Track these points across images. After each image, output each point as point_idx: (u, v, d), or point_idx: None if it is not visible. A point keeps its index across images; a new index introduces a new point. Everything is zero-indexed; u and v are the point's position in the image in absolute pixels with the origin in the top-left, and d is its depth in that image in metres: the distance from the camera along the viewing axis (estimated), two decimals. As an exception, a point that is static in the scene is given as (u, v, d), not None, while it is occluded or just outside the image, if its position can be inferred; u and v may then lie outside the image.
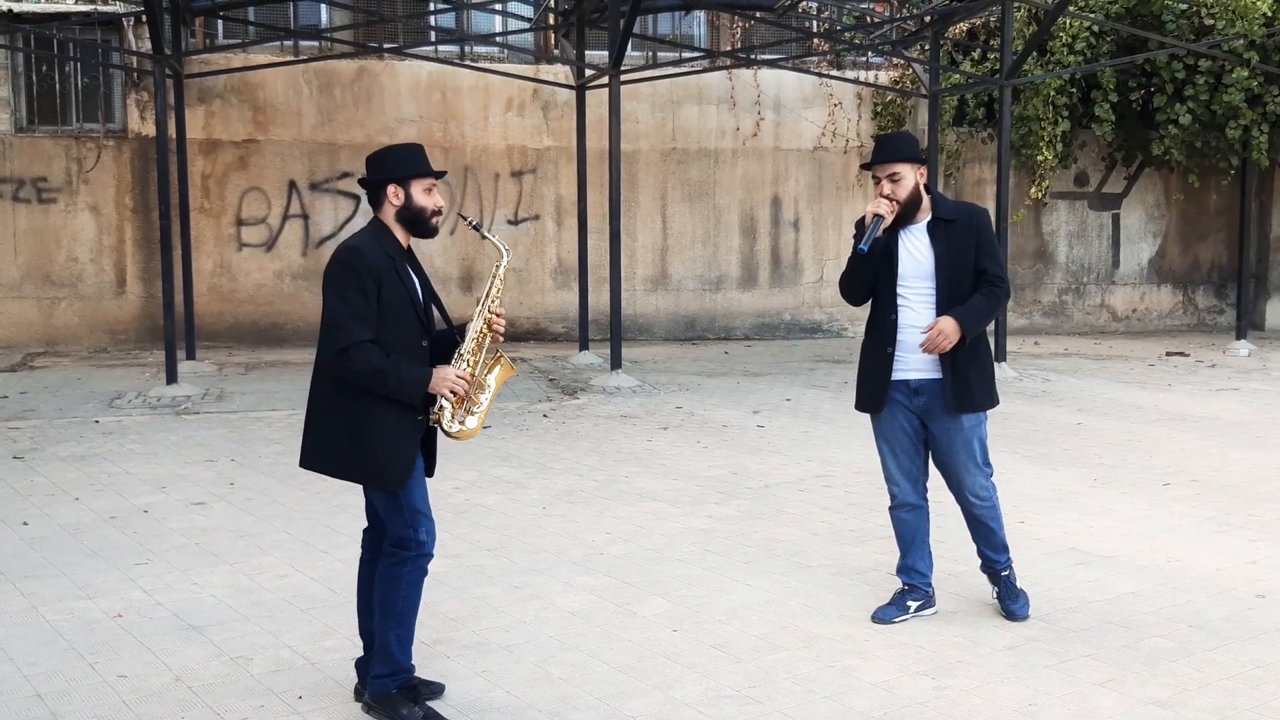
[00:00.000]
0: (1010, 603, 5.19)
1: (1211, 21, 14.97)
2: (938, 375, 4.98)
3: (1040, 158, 15.87)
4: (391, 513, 4.15)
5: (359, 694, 4.31)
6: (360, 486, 4.25)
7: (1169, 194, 17.80)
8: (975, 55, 16.17)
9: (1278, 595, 5.52)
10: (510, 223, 15.85)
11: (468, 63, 15.31)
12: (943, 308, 4.94)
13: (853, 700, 4.33)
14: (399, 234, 4.19)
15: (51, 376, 12.61)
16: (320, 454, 4.16)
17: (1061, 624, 5.12)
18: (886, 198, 4.93)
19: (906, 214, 4.97)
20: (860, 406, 5.21)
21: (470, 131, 15.62)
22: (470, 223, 4.43)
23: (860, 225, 5.06)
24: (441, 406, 4.14)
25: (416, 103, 15.43)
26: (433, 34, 15.62)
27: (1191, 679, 4.52)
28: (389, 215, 4.18)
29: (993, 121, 15.87)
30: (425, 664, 4.65)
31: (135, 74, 14.54)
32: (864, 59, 17.00)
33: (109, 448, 8.94)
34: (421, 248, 14.33)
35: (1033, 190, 16.39)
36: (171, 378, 11.39)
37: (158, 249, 12.66)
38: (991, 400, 5.10)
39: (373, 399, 4.01)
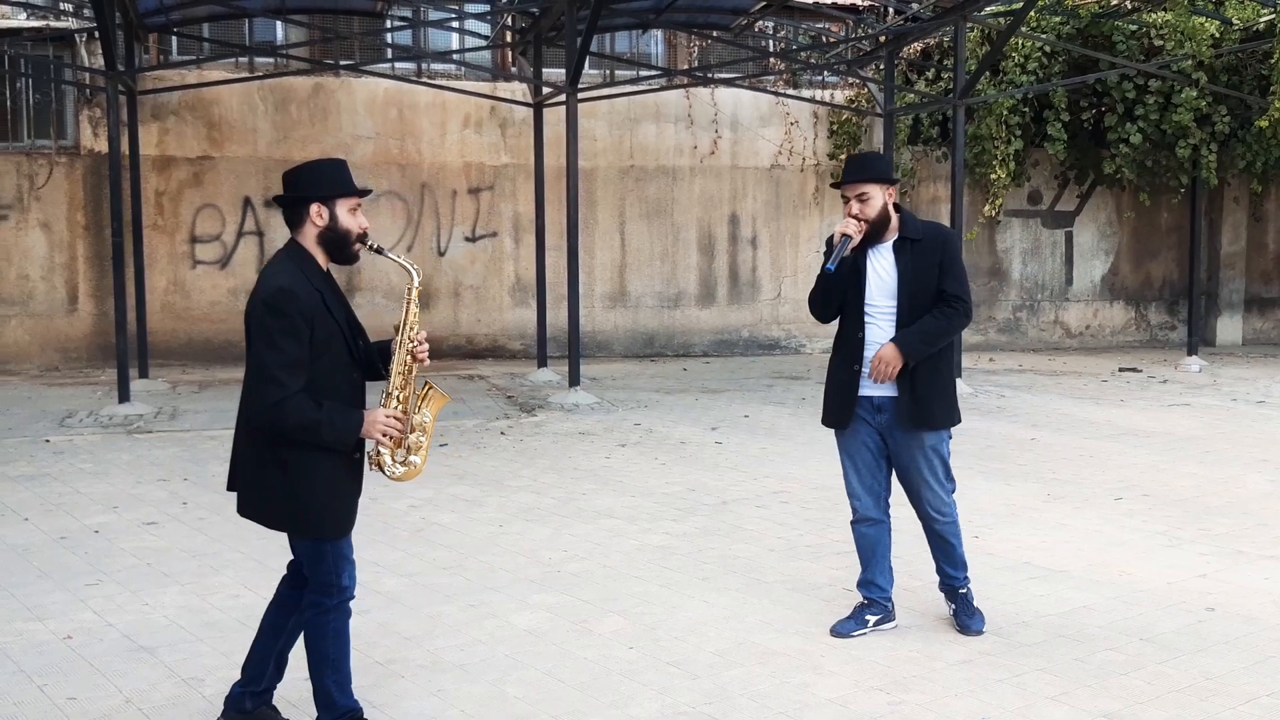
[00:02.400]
0: (966, 619, 5.23)
1: (1161, 43, 15.22)
2: (895, 392, 5.03)
3: (994, 176, 16.04)
4: (317, 559, 3.92)
5: None
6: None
7: (1121, 212, 18.04)
8: (929, 75, 16.35)
9: (1227, 608, 5.59)
10: (468, 239, 15.83)
11: (425, 80, 15.30)
12: (902, 325, 4.99)
13: (808, 716, 4.34)
14: (319, 258, 3.90)
15: (1, 395, 12.44)
16: (256, 504, 3.89)
17: (1015, 638, 5.16)
18: (855, 217, 4.97)
19: (875, 233, 5.00)
20: (826, 422, 5.23)
21: (427, 148, 15.60)
22: (372, 246, 4.01)
23: (830, 243, 5.10)
24: (379, 451, 3.95)
25: (373, 119, 15.39)
26: (389, 51, 15.59)
27: (1142, 691, 4.56)
28: (309, 237, 3.88)
29: (947, 140, 16.04)
30: (380, 684, 4.62)
31: (88, 90, 14.42)
32: (820, 78, 17.14)
33: (60, 467, 8.83)
34: (377, 265, 14.13)
35: (986, 208, 16.56)
36: (124, 396, 11.26)
37: (110, 266, 12.55)
38: (952, 418, 5.14)
39: (311, 447, 3.77)
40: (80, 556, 6.43)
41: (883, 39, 14.87)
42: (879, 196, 4.97)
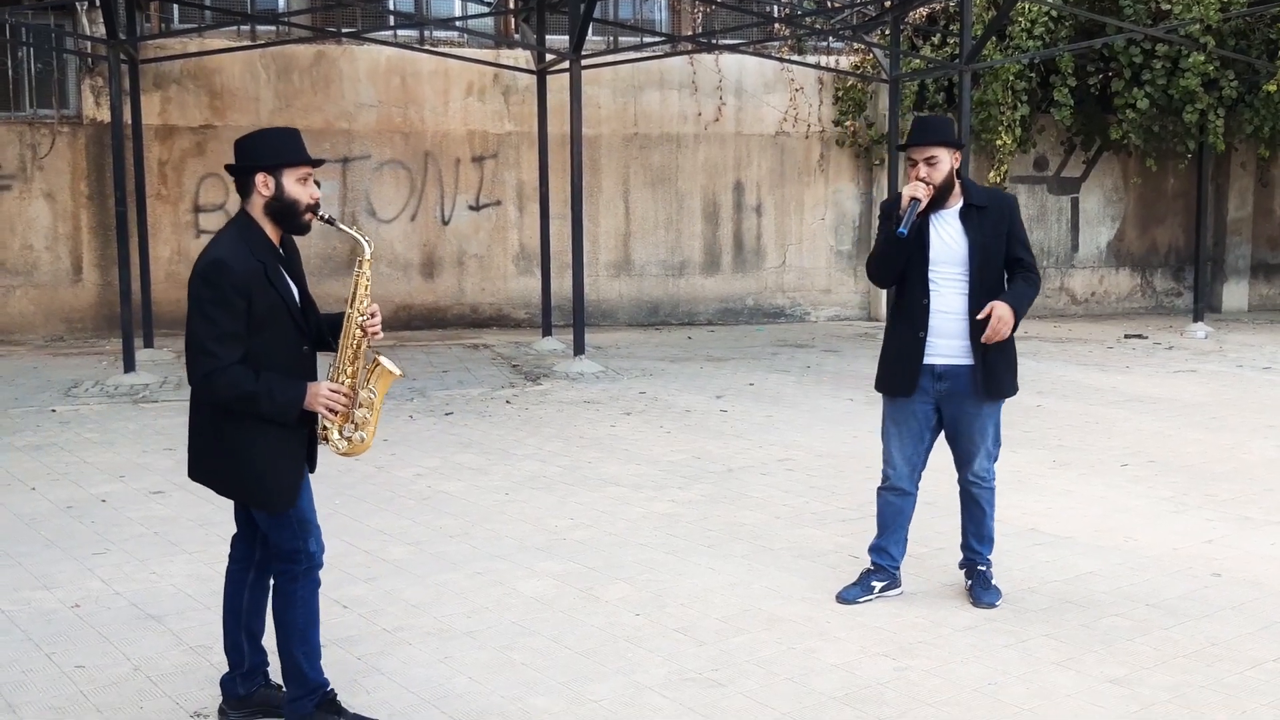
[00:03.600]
0: (981, 590, 5.19)
1: (1168, 7, 15.10)
2: (967, 361, 4.99)
3: (1000, 142, 15.95)
4: (278, 527, 3.88)
5: (224, 714, 4.10)
6: None
7: (1127, 178, 17.96)
8: (935, 40, 16.24)
9: (1233, 574, 5.59)
10: (471, 208, 15.78)
11: (427, 47, 15.22)
12: (975, 294, 4.95)
13: (814, 681, 4.35)
14: (269, 229, 3.83)
15: (6, 365, 12.45)
16: (205, 471, 3.88)
17: (1021, 604, 5.16)
18: (923, 181, 4.89)
19: (939, 198, 4.94)
20: (887, 389, 5.16)
21: (430, 116, 15.53)
22: (324, 217, 3.94)
23: (888, 208, 5.05)
24: (325, 426, 3.91)
25: (375, 87, 15.32)
26: (391, 18, 15.51)
27: (1148, 657, 4.57)
28: (257, 207, 3.81)
29: (953, 106, 15.92)
30: (388, 650, 4.64)
31: (90, 59, 14.35)
32: (825, 44, 17.02)
33: (66, 437, 8.85)
34: (381, 234, 14.04)
35: (992, 174, 16.47)
36: (129, 366, 11.27)
37: (114, 236, 12.52)
38: (1015, 387, 5.14)
39: (252, 418, 3.73)
40: (87, 525, 6.45)
41: (888, 4, 14.75)
42: (946, 160, 4.92)
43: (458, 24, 15.39)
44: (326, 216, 3.97)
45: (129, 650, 4.66)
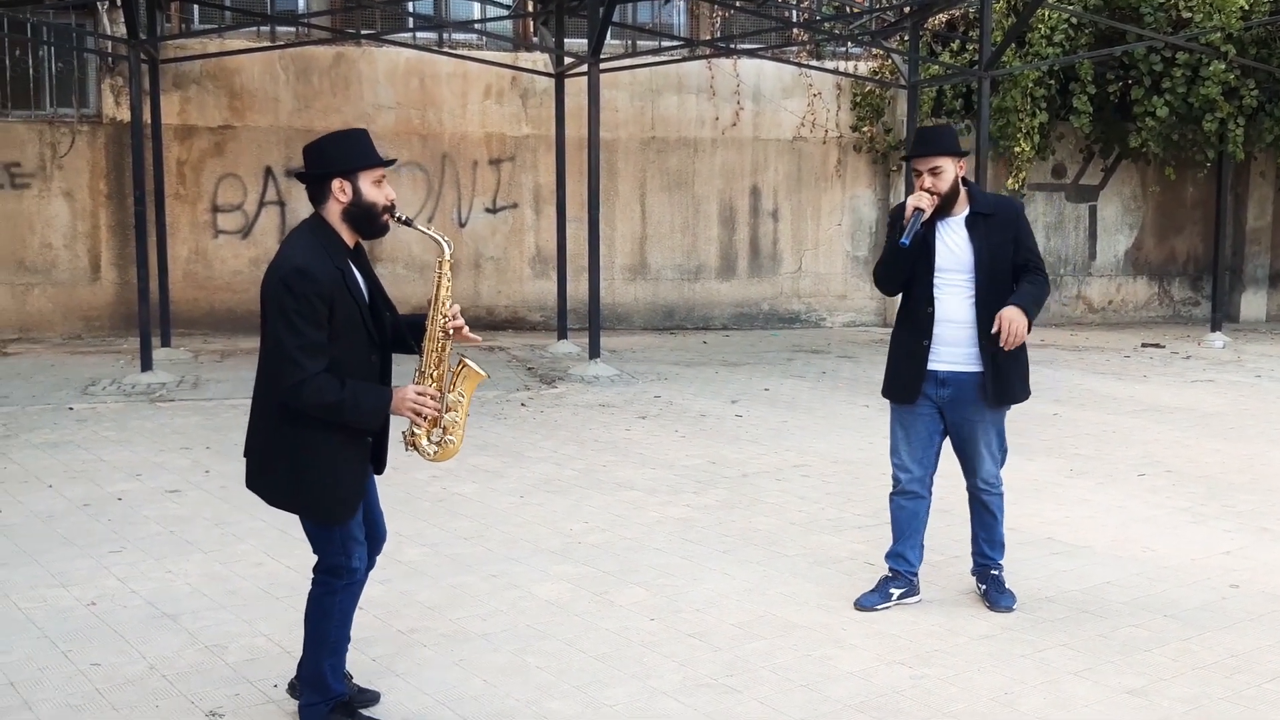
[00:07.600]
0: (996, 594, 5.20)
1: (1189, 14, 15.04)
2: (973, 368, 5.00)
3: (1018, 149, 15.90)
4: (324, 540, 3.85)
5: (293, 688, 4.13)
6: None
7: (1145, 186, 17.89)
8: (954, 46, 16.21)
9: (1251, 585, 5.55)
10: (488, 211, 15.79)
11: (446, 50, 15.24)
12: (981, 301, 4.96)
13: (830, 689, 4.33)
14: (345, 234, 3.76)
15: (25, 363, 12.50)
16: (263, 482, 3.82)
17: (1038, 613, 5.14)
18: (928, 191, 4.93)
19: (944, 206, 4.97)
20: (891, 396, 5.19)
21: (448, 119, 15.55)
22: (400, 218, 3.86)
23: (896, 215, 5.10)
24: (414, 431, 3.89)
25: (394, 89, 15.34)
26: (411, 20, 15.54)
27: (1166, 668, 4.54)
28: (334, 213, 3.73)
29: (971, 113, 15.89)
30: (402, 653, 4.64)
31: (110, 59, 14.41)
32: (843, 49, 17.00)
33: (83, 435, 8.87)
34: (399, 235, 14.02)
35: (1010, 182, 16.41)
36: (146, 365, 11.31)
37: (132, 235, 12.56)
38: (1027, 391, 5.15)
39: (320, 426, 3.68)
40: (104, 524, 6.47)
41: (907, 9, 14.73)
42: (951, 169, 4.96)
43: (476, 27, 15.41)
44: (404, 217, 3.89)
45: (144, 649, 4.66)
